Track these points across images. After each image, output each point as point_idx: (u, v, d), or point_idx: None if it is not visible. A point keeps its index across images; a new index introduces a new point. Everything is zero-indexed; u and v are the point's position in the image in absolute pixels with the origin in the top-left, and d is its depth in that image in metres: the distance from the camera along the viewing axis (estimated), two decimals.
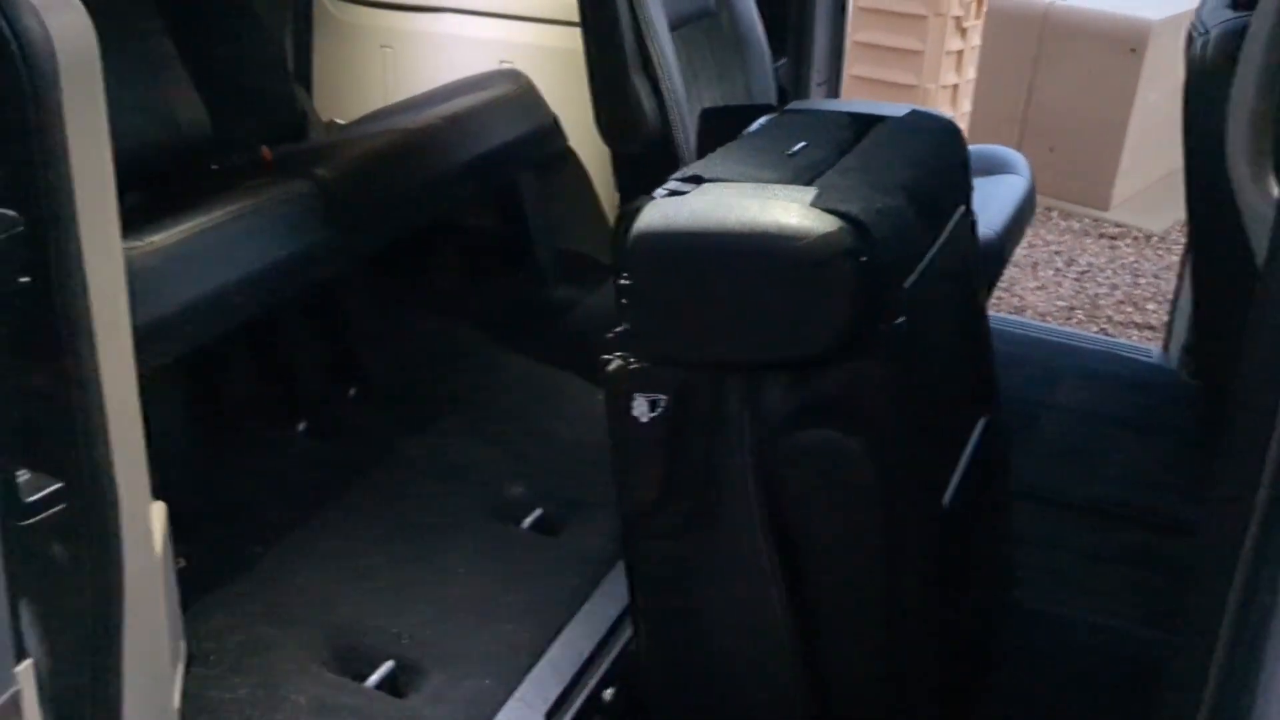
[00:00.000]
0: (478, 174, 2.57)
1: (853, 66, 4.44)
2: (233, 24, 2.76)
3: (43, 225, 1.09)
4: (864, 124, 1.62)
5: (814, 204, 1.27)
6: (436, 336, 2.61)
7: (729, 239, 1.27)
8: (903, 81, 4.57)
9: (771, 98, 2.72)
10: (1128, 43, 4.87)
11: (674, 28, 2.35)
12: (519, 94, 2.72)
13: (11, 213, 1.09)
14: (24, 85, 1.11)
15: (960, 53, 4.60)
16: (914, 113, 1.65)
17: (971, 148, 2.26)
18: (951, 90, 4.66)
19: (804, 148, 1.49)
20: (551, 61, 2.86)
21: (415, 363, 2.52)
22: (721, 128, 1.72)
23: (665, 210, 1.31)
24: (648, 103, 2.22)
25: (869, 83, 4.60)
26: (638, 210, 1.36)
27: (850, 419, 1.31)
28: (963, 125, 4.82)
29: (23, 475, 1.18)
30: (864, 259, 1.23)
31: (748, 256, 1.27)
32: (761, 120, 1.64)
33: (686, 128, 2.26)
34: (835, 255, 1.23)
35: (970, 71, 4.71)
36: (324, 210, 2.10)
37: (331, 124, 3.02)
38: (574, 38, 2.86)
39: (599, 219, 2.91)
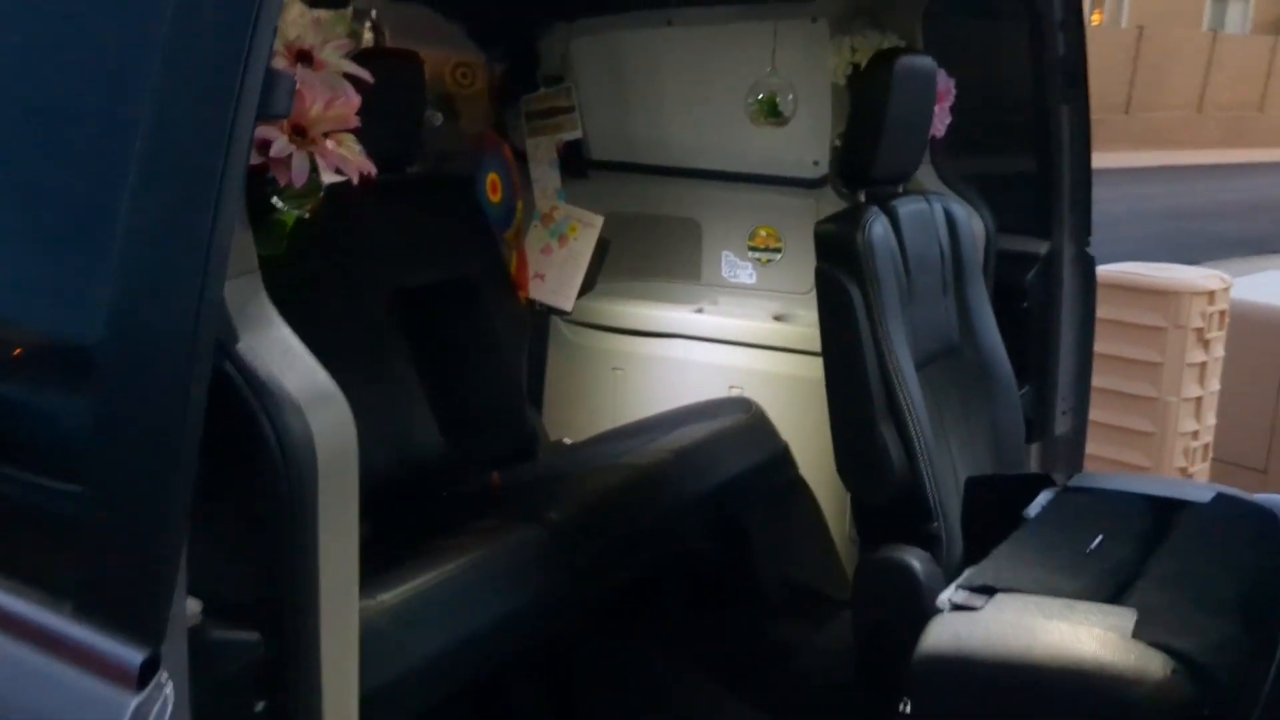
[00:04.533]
0: (708, 509, 2.48)
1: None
2: (475, 347, 2.82)
3: (285, 651, 1.02)
4: (1163, 510, 1.43)
5: (1137, 634, 1.08)
6: (661, 678, 2.46)
7: (1035, 672, 1.09)
8: (1142, 394, 4.32)
9: (1020, 431, 2.56)
10: None
11: (919, 367, 2.24)
12: (750, 422, 2.64)
13: (254, 636, 1.02)
14: (281, 491, 1.06)
15: (1203, 365, 4.34)
16: (1220, 497, 1.46)
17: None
18: (1195, 403, 4.38)
19: (1102, 543, 1.32)
20: (781, 388, 2.80)
21: (638, 707, 2.36)
22: (990, 501, 1.57)
23: (957, 629, 1.16)
24: (894, 450, 2.10)
25: (1108, 394, 4.37)
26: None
27: None
28: (1209, 438, 4.51)
29: None
30: (1206, 713, 1.03)
31: (1060, 696, 1.08)
32: (1042, 500, 1.48)
33: (936, 476, 2.11)
34: (1171, 709, 1.03)
35: (1214, 383, 4.44)
36: (554, 558, 2.02)
37: (560, 443, 3.01)
38: (803, 365, 2.81)
39: (829, 552, 2.76)
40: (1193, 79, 21.63)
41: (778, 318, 2.87)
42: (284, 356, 1.14)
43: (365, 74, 1.23)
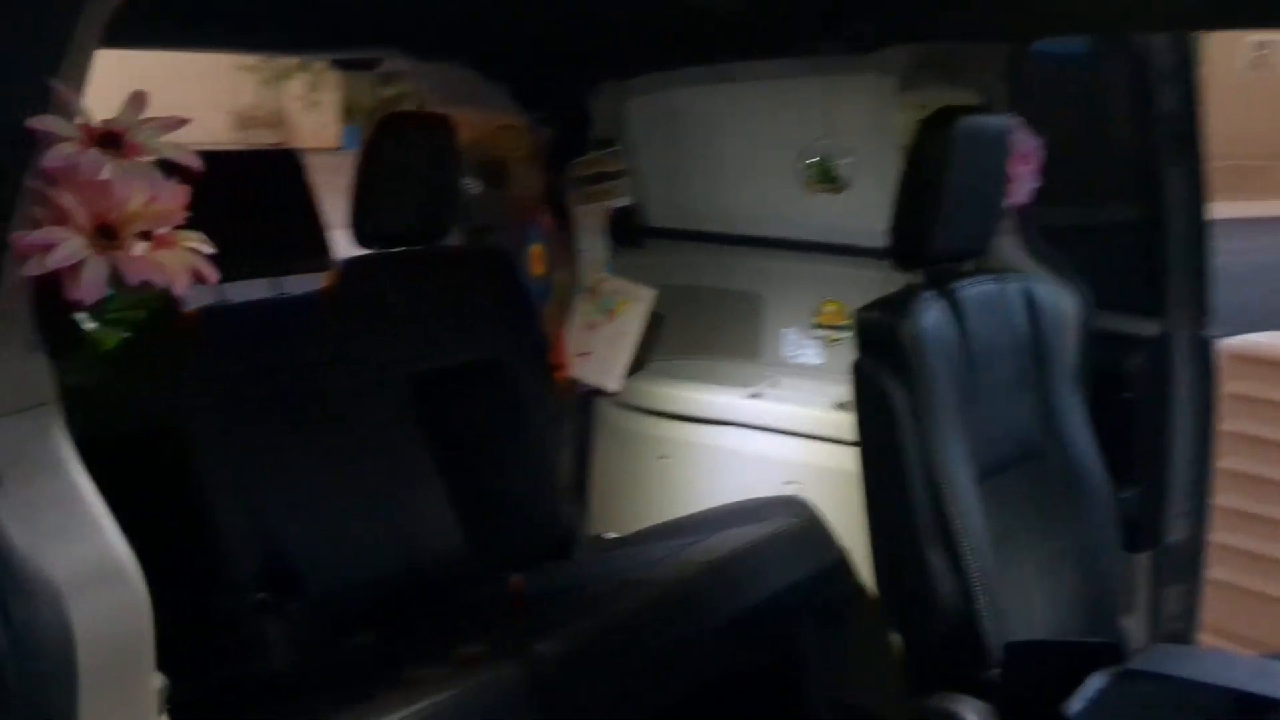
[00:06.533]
0: (743, 628, 2.17)
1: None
2: (504, 435, 2.59)
3: None
4: (1249, 713, 1.09)
5: None
6: None
7: None
8: None
9: (1113, 540, 2.19)
10: None
11: (986, 477, 1.91)
12: (801, 527, 2.33)
13: None
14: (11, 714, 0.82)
15: None
16: None
17: None
18: None
19: None
20: (841, 485, 2.46)
21: None
22: (1033, 672, 1.25)
23: None
24: (944, 582, 1.77)
25: (1240, 478, 3.84)
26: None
27: None
28: None
29: None
30: None
31: None
32: (1090, 691, 1.15)
33: (996, 612, 1.78)
34: None
35: None
36: (527, 701, 1.74)
37: (600, 539, 2.75)
38: None
39: (892, 672, 2.41)
40: None
41: (840, 406, 2.56)
42: (56, 519, 0.91)
43: (193, 159, 1.00)
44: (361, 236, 2.48)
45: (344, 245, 2.49)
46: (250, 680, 2.00)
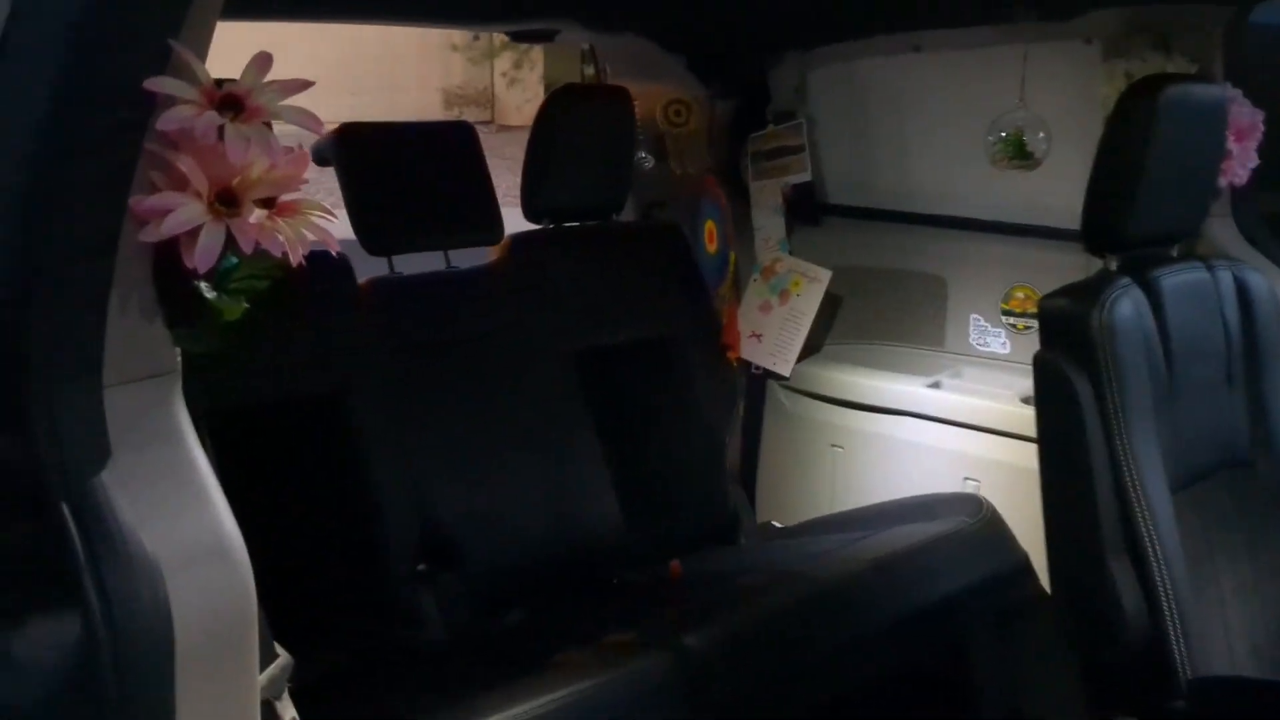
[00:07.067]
0: (916, 630, 2.05)
1: None
2: (671, 415, 2.54)
3: None
4: None
5: None
6: None
7: None
8: None
9: None
10: None
11: (1183, 486, 1.73)
12: (980, 528, 2.18)
13: None
14: (106, 693, 0.80)
15: None
16: None
17: None
18: None
19: None
20: (1025, 484, 2.31)
21: None
22: (1224, 712, 1.11)
23: None
24: (1128, 597, 1.61)
25: None
26: None
27: None
28: None
29: None
30: None
31: None
32: None
33: (1187, 635, 1.61)
34: None
35: None
36: (683, 696, 1.67)
37: (767, 526, 2.66)
38: None
39: (1069, 681, 2.25)
40: None
41: (1026, 400, 2.39)
42: (164, 491, 0.88)
43: (314, 122, 0.96)
44: (532, 211, 2.46)
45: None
46: (402, 650, 2.01)
